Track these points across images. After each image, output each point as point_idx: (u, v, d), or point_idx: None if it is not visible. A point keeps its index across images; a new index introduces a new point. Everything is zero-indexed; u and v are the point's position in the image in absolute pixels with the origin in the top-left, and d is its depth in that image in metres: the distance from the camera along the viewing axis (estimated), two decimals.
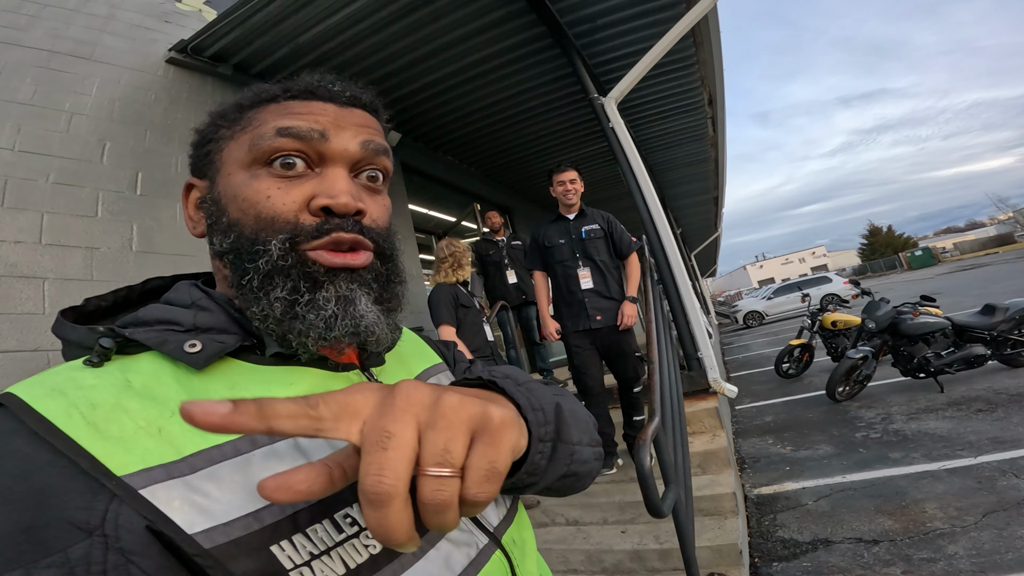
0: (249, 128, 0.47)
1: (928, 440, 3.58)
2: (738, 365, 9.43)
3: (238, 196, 0.45)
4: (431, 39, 3.59)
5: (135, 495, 0.32)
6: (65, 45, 2.70)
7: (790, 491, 3.30)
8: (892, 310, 5.09)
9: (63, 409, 0.34)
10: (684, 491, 2.14)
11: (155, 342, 0.40)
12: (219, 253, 0.47)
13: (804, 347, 6.70)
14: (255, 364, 0.44)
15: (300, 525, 0.36)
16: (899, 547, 2.40)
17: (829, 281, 16.69)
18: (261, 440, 0.38)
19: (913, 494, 2.85)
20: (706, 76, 4.84)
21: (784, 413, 5.25)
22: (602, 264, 3.02)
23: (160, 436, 0.35)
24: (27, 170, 2.39)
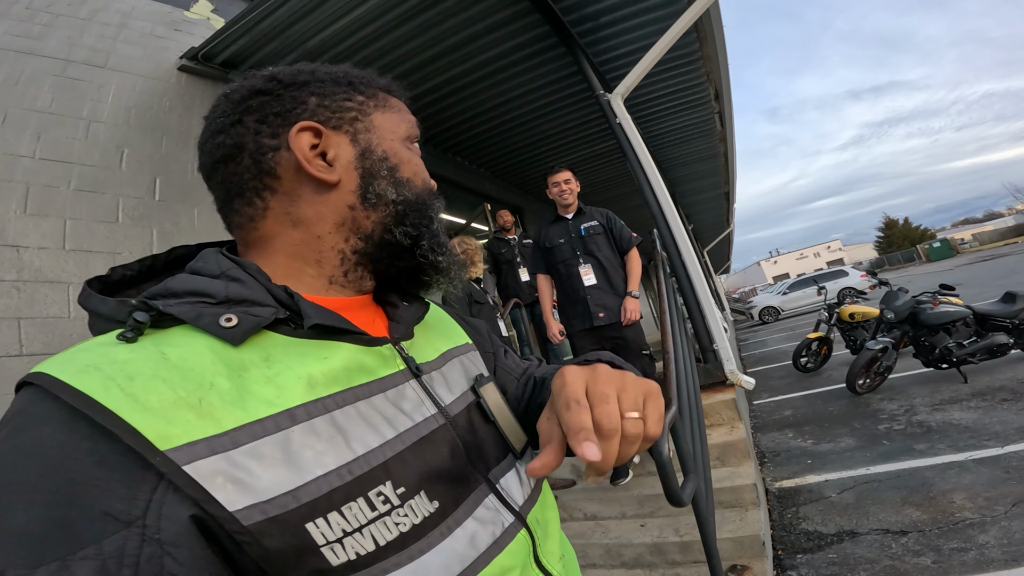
0: (390, 109, 0.57)
1: (953, 431, 3.50)
2: (755, 361, 9.32)
3: (410, 161, 0.56)
4: (437, 41, 3.61)
5: (179, 471, 0.32)
6: (80, 53, 2.76)
7: (812, 484, 3.25)
8: (911, 300, 5.00)
9: (100, 383, 0.33)
10: (704, 482, 2.12)
11: (190, 316, 0.40)
12: (386, 202, 0.53)
13: (822, 340, 6.60)
14: (288, 336, 0.44)
15: (336, 503, 0.37)
16: (928, 537, 2.35)
17: (845, 275, 16.43)
18: (300, 416, 0.38)
19: (940, 485, 2.79)
20: (711, 71, 4.80)
21: (803, 407, 5.17)
22: (604, 260, 2.98)
23: (200, 407, 0.35)
24: (49, 177, 2.45)
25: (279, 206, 0.51)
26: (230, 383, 0.37)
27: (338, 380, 0.43)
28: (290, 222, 0.51)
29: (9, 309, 2.15)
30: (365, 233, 0.53)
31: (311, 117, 0.51)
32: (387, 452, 0.42)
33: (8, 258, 2.21)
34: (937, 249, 42.95)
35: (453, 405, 0.52)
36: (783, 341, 11.12)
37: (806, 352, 6.67)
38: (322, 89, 0.53)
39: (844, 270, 17.23)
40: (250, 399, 0.37)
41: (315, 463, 0.37)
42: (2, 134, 2.33)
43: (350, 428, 0.41)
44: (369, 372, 0.46)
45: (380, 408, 0.45)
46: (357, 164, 0.52)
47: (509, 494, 0.51)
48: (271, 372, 0.40)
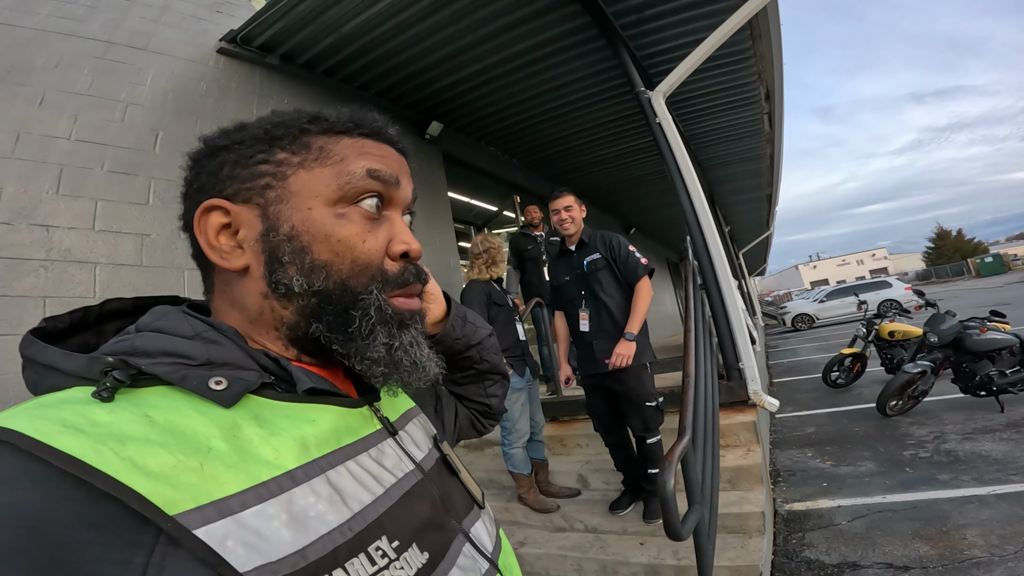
0: (327, 161, 0.47)
1: (981, 462, 3.36)
2: (782, 371, 9.05)
3: (332, 236, 0.45)
4: (472, 29, 3.56)
5: (191, 536, 0.31)
6: (122, 36, 2.82)
7: (824, 509, 3.15)
8: (958, 324, 4.75)
9: (89, 445, 0.31)
10: (709, 510, 2.07)
11: (175, 377, 0.38)
12: (294, 293, 0.45)
13: (856, 356, 6.34)
14: (274, 400, 0.43)
15: (340, 560, 0.37)
16: (930, 574, 2.28)
17: (889, 286, 15.74)
18: (299, 477, 0.38)
19: (956, 519, 2.70)
20: (763, 70, 4.61)
21: (828, 425, 5.01)
22: (608, 299, 2.67)
23: (203, 471, 0.34)
24: (84, 158, 2.52)
25: (219, 286, 0.49)
26: (227, 445, 0.37)
27: (328, 442, 0.43)
28: (229, 302, 0.48)
29: (36, 288, 2.23)
30: (289, 324, 0.47)
31: (219, 192, 0.47)
32: (379, 508, 0.42)
33: (38, 237, 2.29)
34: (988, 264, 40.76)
35: (424, 461, 0.53)
36: (815, 352, 10.76)
37: (838, 367, 6.43)
38: (238, 152, 0.47)
39: (887, 281, 16.49)
40: (250, 461, 0.37)
41: (318, 522, 0.37)
42: (39, 116, 2.40)
43: (344, 487, 0.41)
44: (353, 432, 0.47)
45: (367, 467, 0.45)
46: (261, 246, 0.46)
47: (481, 542, 0.52)
48: (264, 432, 0.39)
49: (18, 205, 2.27)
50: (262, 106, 3.38)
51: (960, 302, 15.58)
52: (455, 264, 4.86)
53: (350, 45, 3.55)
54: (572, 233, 2.77)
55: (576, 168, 6.84)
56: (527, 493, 3.02)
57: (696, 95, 5.03)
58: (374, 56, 3.71)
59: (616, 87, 4.62)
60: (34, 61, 2.48)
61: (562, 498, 3.08)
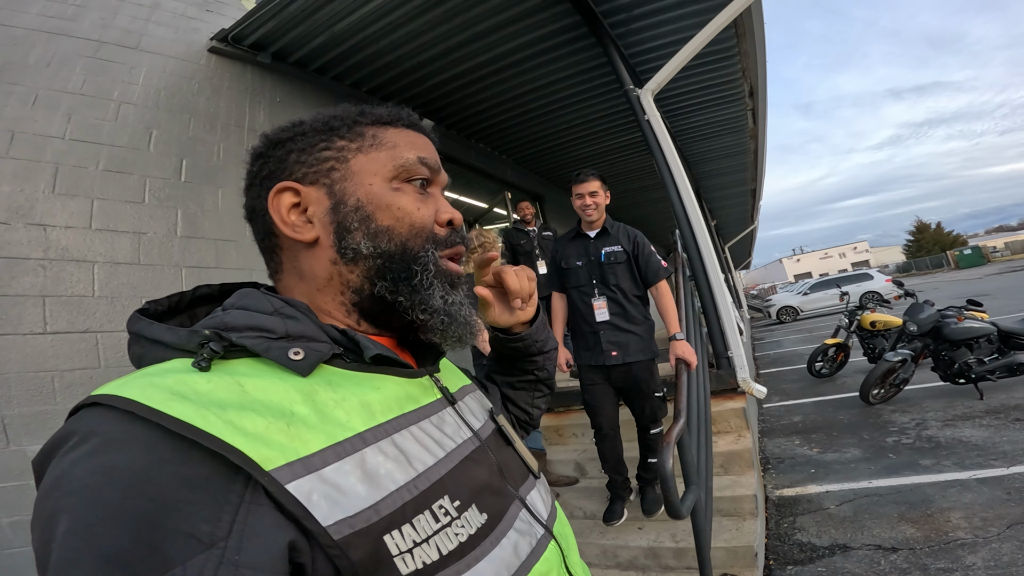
0: (380, 147, 0.54)
1: (962, 448, 3.48)
2: (769, 362, 9.23)
3: (392, 205, 0.53)
4: (463, 28, 3.57)
5: (283, 490, 0.35)
6: (112, 35, 2.79)
7: (813, 494, 3.25)
8: (936, 313, 4.90)
9: (195, 411, 0.35)
10: (705, 492, 2.14)
11: (260, 348, 0.43)
12: (361, 256, 0.52)
13: (839, 347, 6.50)
14: (344, 369, 0.47)
15: (408, 515, 0.40)
16: (918, 556, 2.37)
17: (870, 278, 16.05)
18: (369, 439, 0.42)
19: (939, 503, 2.80)
20: (747, 67, 4.69)
21: (814, 414, 5.14)
22: (621, 293, 2.62)
23: (290, 431, 0.38)
24: (78, 157, 2.50)
25: (288, 262, 0.55)
26: (307, 408, 0.41)
27: (391, 408, 0.47)
28: (298, 276, 0.54)
29: (35, 287, 2.22)
30: (355, 287, 0.53)
31: (289, 176, 0.53)
32: (441, 469, 0.46)
33: (35, 237, 2.28)
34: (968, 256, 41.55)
35: (482, 430, 0.58)
36: (800, 343, 10.97)
37: (822, 357, 6.59)
38: (302, 143, 0.54)
39: (869, 273, 16.82)
40: (328, 422, 0.41)
41: (388, 480, 0.41)
42: (32, 115, 2.38)
43: (409, 449, 0.45)
44: (415, 400, 0.51)
45: (429, 432, 0.49)
46: (331, 218, 0.52)
47: (536, 509, 0.56)
48: (337, 396, 0.44)
49: (15, 204, 2.26)
50: (254, 104, 3.37)
51: (940, 293, 15.95)
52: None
53: (342, 44, 3.55)
54: (594, 219, 2.66)
55: (566, 164, 6.87)
56: None
57: (683, 92, 5.09)
58: (366, 54, 3.72)
59: (605, 84, 4.65)
60: (26, 60, 2.46)
61: (561, 486, 3.13)
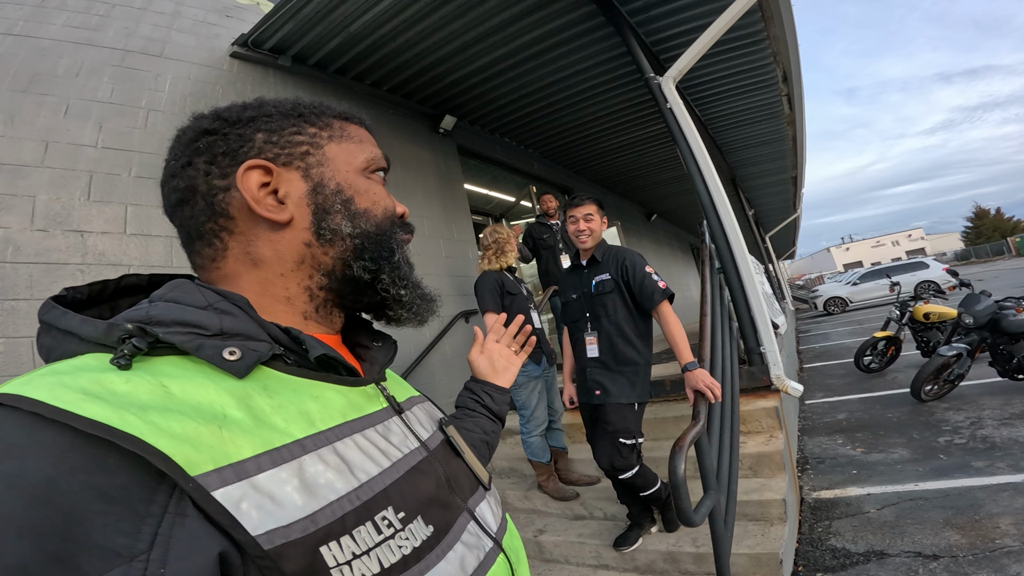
0: (347, 139, 0.57)
1: (1018, 449, 3.24)
2: (813, 356, 8.82)
3: (368, 191, 0.56)
4: (479, 22, 3.55)
5: (208, 498, 0.32)
6: (137, 43, 2.90)
7: (852, 497, 3.07)
8: (993, 305, 4.55)
9: (112, 412, 0.32)
10: (727, 497, 2.05)
11: (190, 346, 0.40)
12: (339, 237, 0.53)
13: (890, 340, 6.12)
14: (282, 373, 0.45)
15: (348, 527, 0.38)
16: (959, 564, 2.21)
17: (925, 267, 15.10)
18: (308, 446, 0.40)
19: (989, 507, 2.61)
20: (778, 52, 4.47)
21: (860, 411, 4.86)
22: (611, 327, 2.37)
23: (221, 435, 0.35)
24: (111, 165, 2.62)
25: (237, 246, 0.51)
26: (241, 413, 0.38)
27: (332, 416, 0.45)
28: (250, 262, 0.51)
29: None
30: (326, 269, 0.53)
31: (259, 155, 0.51)
32: (386, 480, 0.44)
33: (73, 243, 2.39)
34: None
35: (429, 440, 0.56)
36: (848, 336, 10.45)
37: (871, 351, 6.22)
38: (269, 124, 0.53)
39: (924, 262, 15.83)
40: (263, 427, 0.38)
41: (328, 489, 0.39)
42: (65, 125, 2.50)
43: (352, 458, 0.43)
44: (358, 409, 0.49)
45: (373, 440, 0.47)
46: (309, 200, 0.52)
47: (485, 522, 0.54)
48: (275, 402, 0.41)
49: (52, 212, 2.38)
50: None
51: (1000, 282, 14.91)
52: (473, 255, 4.86)
53: (359, 44, 3.58)
54: (588, 247, 2.44)
55: (593, 156, 6.78)
56: (546, 481, 3.03)
57: (711, 79, 4.91)
58: (384, 53, 3.74)
59: (627, 74, 4.54)
60: (55, 70, 2.58)
61: (581, 486, 3.07)
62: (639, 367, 2.36)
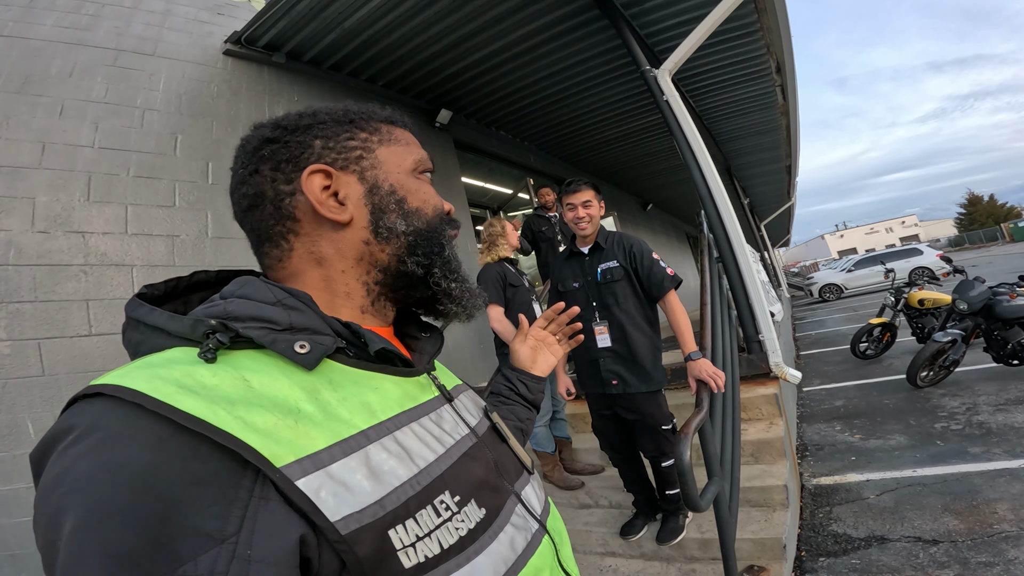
0: (395, 143, 0.59)
1: (1014, 435, 3.27)
2: (810, 343, 8.88)
3: (419, 191, 0.59)
4: (473, 16, 3.54)
5: (293, 487, 0.35)
6: (129, 42, 2.87)
7: (852, 483, 3.11)
8: (987, 290, 4.58)
9: (205, 405, 0.35)
10: (730, 483, 2.07)
11: (266, 340, 0.43)
12: (395, 234, 0.55)
13: (885, 326, 6.17)
14: (344, 365, 0.48)
15: (411, 511, 0.41)
16: (959, 549, 2.25)
17: (919, 253, 15.17)
18: (372, 436, 0.43)
19: (987, 493, 2.64)
20: (772, 43, 4.49)
21: (857, 398, 4.91)
22: (624, 315, 2.32)
23: (297, 428, 0.38)
24: (109, 165, 2.60)
25: (302, 246, 0.54)
26: (312, 406, 0.41)
27: (391, 407, 0.48)
28: (314, 260, 0.54)
29: (78, 292, 2.34)
30: (383, 265, 0.56)
31: (318, 160, 0.54)
32: (442, 465, 0.47)
33: (75, 244, 2.39)
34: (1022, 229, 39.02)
35: (478, 427, 0.59)
36: (843, 323, 10.51)
37: (867, 338, 6.27)
38: (325, 131, 0.56)
39: (918, 248, 15.90)
40: (332, 419, 0.41)
41: (392, 476, 0.41)
42: (61, 126, 2.49)
43: (411, 445, 0.46)
44: (413, 398, 0.52)
45: (429, 428, 0.50)
46: (367, 201, 0.55)
47: (531, 504, 0.57)
48: (339, 395, 0.44)
49: (52, 213, 2.37)
50: (274, 105, 3.43)
51: (994, 268, 15.00)
52: (472, 249, 4.86)
53: (353, 40, 3.56)
54: (588, 234, 2.37)
55: (589, 148, 6.79)
56: (551, 471, 3.06)
57: (706, 70, 4.93)
58: (378, 49, 3.72)
59: (623, 66, 4.55)
60: (48, 71, 2.56)
61: (586, 475, 3.11)
62: (653, 353, 2.34)
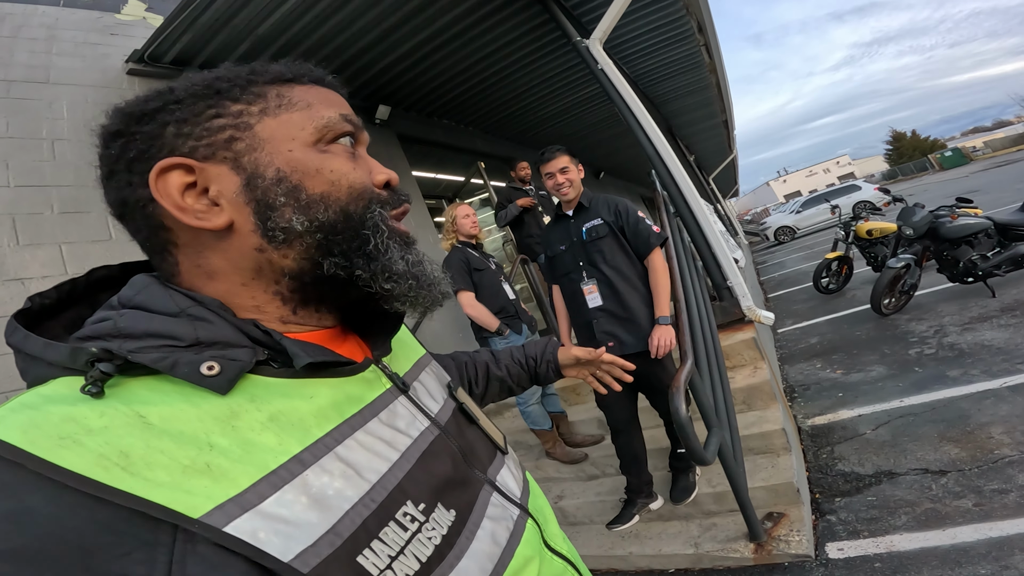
0: (291, 107, 0.45)
1: (986, 353, 3.32)
2: (775, 284, 9.10)
3: (323, 169, 0.45)
4: (395, 7, 3.40)
5: (222, 534, 0.31)
6: (16, 72, 2.65)
7: (846, 420, 3.12)
8: (929, 215, 4.74)
9: (95, 461, 0.30)
10: (730, 432, 2.05)
11: (165, 365, 0.36)
12: (295, 235, 0.43)
13: (841, 259, 6.37)
14: (269, 378, 0.40)
15: (372, 532, 0.37)
16: (968, 477, 2.24)
17: (859, 189, 15.91)
18: (307, 459, 0.37)
19: (977, 417, 2.65)
20: (690, 4, 4.57)
21: (830, 333, 5.01)
22: (613, 272, 2.28)
23: (211, 472, 0.33)
24: (31, 204, 2.40)
25: (187, 260, 0.44)
26: (227, 440, 0.35)
27: (329, 417, 0.41)
28: (205, 276, 0.44)
29: None
30: (292, 272, 0.45)
31: (171, 152, 0.42)
32: (398, 474, 0.42)
33: (16, 293, 2.20)
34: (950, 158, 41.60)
35: (440, 414, 0.52)
36: (802, 261, 10.82)
37: (826, 272, 6.46)
38: (180, 112, 0.43)
39: (857, 184, 16.66)
40: (255, 451, 0.35)
41: (340, 499, 0.37)
42: None
43: (357, 460, 0.40)
44: (357, 401, 0.45)
45: (378, 433, 0.44)
46: (245, 196, 0.43)
47: (508, 488, 0.53)
48: (263, 416, 0.38)
49: None
50: None
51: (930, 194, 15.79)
52: (434, 240, 4.79)
53: (271, 45, 3.36)
54: (571, 198, 2.36)
55: (535, 124, 6.80)
56: (553, 447, 3.04)
57: (633, 36, 4.95)
58: (301, 51, 3.53)
59: (554, 40, 4.52)
60: None
61: (588, 446, 3.08)
62: (648, 310, 2.28)
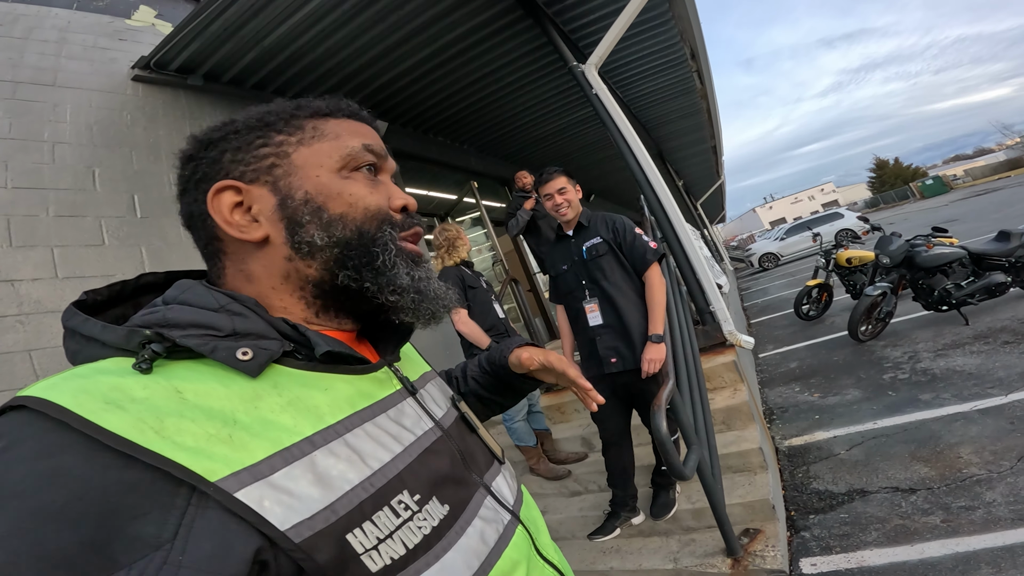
0: (322, 138, 0.53)
1: (958, 378, 3.44)
2: (758, 310, 9.28)
3: (343, 192, 0.52)
4: (400, 25, 3.50)
5: (232, 499, 0.34)
6: (25, 73, 2.66)
7: (821, 441, 3.23)
8: (905, 244, 4.91)
9: (131, 424, 0.34)
10: (709, 450, 2.13)
11: (206, 349, 0.41)
12: (317, 248, 0.50)
13: (821, 287, 6.54)
14: (292, 368, 0.46)
15: (367, 513, 0.40)
16: (937, 495, 2.33)
17: (841, 216, 16.23)
18: (318, 442, 0.41)
19: (947, 438, 2.75)
20: (684, 31, 4.71)
21: (809, 358, 5.15)
22: (613, 289, 2.33)
23: (232, 442, 0.37)
24: (27, 206, 2.41)
25: (232, 265, 0.52)
26: (249, 417, 0.39)
27: (342, 408, 0.46)
28: (244, 279, 0.52)
29: (18, 343, 2.17)
30: (315, 281, 0.52)
31: (226, 175, 0.51)
32: (399, 465, 0.45)
33: (6, 294, 2.20)
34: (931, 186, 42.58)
35: (444, 419, 0.57)
36: (785, 288, 11.04)
37: (807, 300, 6.62)
38: (236, 141, 0.53)
39: (839, 212, 17.01)
40: (272, 428, 0.40)
41: (341, 480, 0.40)
42: None
43: (362, 447, 0.44)
44: (369, 397, 0.50)
45: (385, 427, 0.48)
46: (280, 214, 0.51)
47: (502, 495, 0.56)
48: (283, 401, 0.42)
49: None
50: (195, 128, 3.19)
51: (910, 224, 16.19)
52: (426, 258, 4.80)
53: (276, 57, 3.43)
54: (570, 218, 2.43)
55: (528, 145, 6.89)
56: (537, 464, 3.08)
57: (628, 61, 5.09)
58: (303, 64, 3.60)
59: (551, 63, 4.63)
60: None
61: (571, 463, 3.13)
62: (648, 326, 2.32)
